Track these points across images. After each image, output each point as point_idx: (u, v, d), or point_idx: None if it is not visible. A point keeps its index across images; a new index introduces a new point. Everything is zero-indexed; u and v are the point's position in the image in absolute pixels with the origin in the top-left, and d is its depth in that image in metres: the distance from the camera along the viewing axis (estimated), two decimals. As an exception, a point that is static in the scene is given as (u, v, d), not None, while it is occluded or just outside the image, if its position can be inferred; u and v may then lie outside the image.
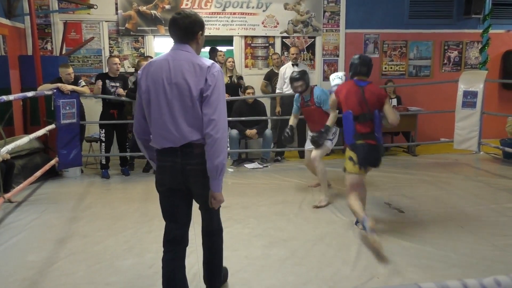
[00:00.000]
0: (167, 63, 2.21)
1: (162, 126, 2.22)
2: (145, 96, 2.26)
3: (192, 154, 2.24)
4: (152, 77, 2.23)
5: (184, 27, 2.24)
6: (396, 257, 3.26)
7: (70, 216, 4.29)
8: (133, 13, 7.08)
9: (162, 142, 2.25)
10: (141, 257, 3.31)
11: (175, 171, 2.27)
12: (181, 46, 2.27)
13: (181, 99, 2.18)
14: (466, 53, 8.17)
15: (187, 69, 2.18)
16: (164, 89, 2.19)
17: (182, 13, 2.26)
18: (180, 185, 2.32)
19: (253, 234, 3.75)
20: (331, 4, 7.70)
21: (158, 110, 2.22)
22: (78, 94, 5.60)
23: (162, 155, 2.30)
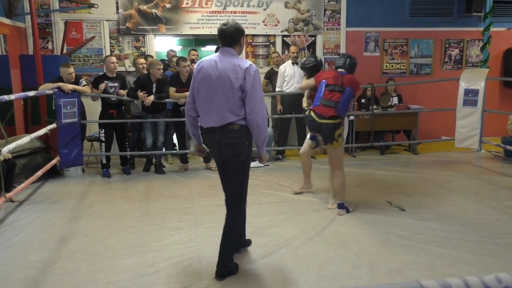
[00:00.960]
0: (215, 62, 2.86)
1: (208, 110, 2.89)
2: (196, 86, 2.93)
3: (228, 131, 2.86)
4: (203, 72, 2.89)
5: (229, 35, 2.89)
6: (398, 255, 3.26)
7: (71, 215, 4.29)
8: (134, 12, 7.08)
9: (207, 122, 2.91)
10: (142, 256, 3.32)
11: (215, 145, 2.94)
12: (226, 49, 2.92)
13: (223, 91, 2.82)
14: (467, 51, 8.16)
15: (231, 68, 2.82)
16: (211, 82, 2.84)
17: (228, 24, 2.91)
18: (219, 157, 3.01)
19: (254, 233, 3.74)
20: (331, 2, 7.69)
21: (206, 98, 2.88)
22: (79, 94, 5.60)
23: (206, 133, 2.97)
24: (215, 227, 3.87)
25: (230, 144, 2.88)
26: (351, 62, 4.33)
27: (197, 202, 4.65)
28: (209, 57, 2.95)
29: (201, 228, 3.88)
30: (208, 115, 2.90)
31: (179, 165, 6.34)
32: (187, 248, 3.46)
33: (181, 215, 4.25)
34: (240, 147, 2.89)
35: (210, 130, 2.92)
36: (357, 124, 6.88)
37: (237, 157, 2.92)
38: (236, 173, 2.98)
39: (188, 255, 3.33)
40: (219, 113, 2.85)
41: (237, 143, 2.88)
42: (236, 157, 2.92)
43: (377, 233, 3.70)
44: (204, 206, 4.50)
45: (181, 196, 4.90)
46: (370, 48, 7.91)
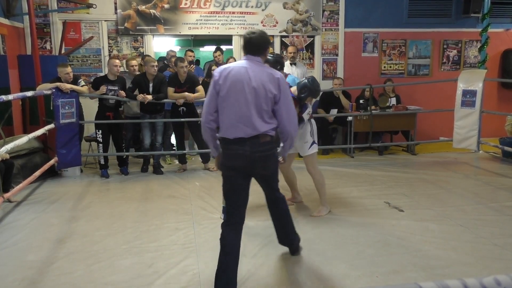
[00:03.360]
0: (246, 70, 2.75)
1: (238, 120, 2.71)
2: (224, 94, 2.74)
3: (258, 143, 2.73)
4: (232, 80, 2.73)
5: (257, 43, 2.84)
6: (396, 256, 3.26)
7: (70, 216, 4.29)
8: (132, 13, 7.07)
9: (235, 133, 2.72)
10: (140, 257, 3.31)
11: (244, 157, 2.73)
12: (253, 58, 2.84)
13: (257, 100, 2.71)
14: (465, 52, 8.18)
15: (264, 77, 2.74)
16: (244, 91, 2.71)
17: (256, 33, 2.88)
18: (247, 169, 2.79)
19: (251, 233, 3.74)
20: (330, 3, 7.69)
21: (237, 107, 2.72)
22: (77, 94, 5.59)
23: (233, 144, 2.74)
24: (213, 228, 3.88)
25: (263, 158, 2.77)
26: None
27: (196, 203, 4.65)
28: (236, 64, 2.83)
29: (199, 229, 3.88)
30: (237, 125, 2.71)
31: (178, 165, 6.34)
32: (185, 248, 3.46)
33: (179, 215, 4.25)
34: (271, 158, 2.85)
35: (238, 141, 2.73)
36: (355, 125, 6.88)
37: (269, 169, 2.90)
38: (269, 179, 3.00)
39: (186, 255, 3.33)
40: (251, 123, 2.71)
41: (269, 155, 2.81)
42: (269, 170, 2.90)
43: (375, 234, 3.70)
44: (202, 207, 4.50)
45: (179, 197, 4.90)
46: (369, 48, 7.92)
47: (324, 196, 4.27)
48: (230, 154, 2.79)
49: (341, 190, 5.03)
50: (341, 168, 6.10)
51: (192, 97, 5.86)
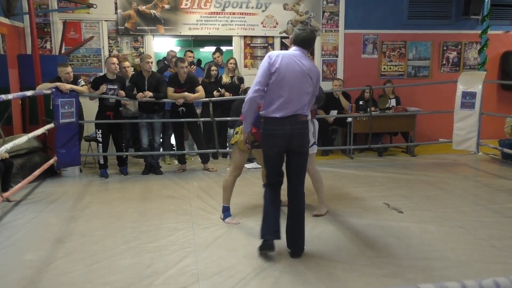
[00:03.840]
0: (297, 59, 3.18)
1: (287, 100, 3.13)
2: (278, 77, 3.13)
3: (297, 122, 3.17)
4: (287, 67, 3.13)
5: (307, 39, 3.26)
6: (395, 258, 3.26)
7: (69, 216, 4.28)
8: (133, 13, 7.07)
9: (283, 111, 3.13)
10: (139, 257, 3.31)
11: (284, 136, 3.15)
12: (303, 50, 3.25)
13: (304, 86, 3.19)
14: (465, 53, 8.19)
15: (311, 66, 3.24)
16: (296, 77, 3.15)
17: (307, 29, 3.29)
18: (285, 146, 3.19)
19: (251, 234, 3.74)
20: (330, 4, 7.70)
21: (289, 90, 3.14)
22: (77, 94, 5.59)
23: (275, 124, 3.15)
24: (212, 228, 3.88)
25: (300, 135, 3.20)
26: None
27: (195, 203, 4.64)
28: (288, 52, 3.24)
29: (198, 229, 3.88)
30: (285, 105, 3.13)
31: (177, 166, 6.33)
32: (184, 249, 3.45)
33: (178, 215, 4.25)
34: (307, 137, 3.28)
35: (280, 121, 3.14)
36: (355, 126, 6.88)
37: (305, 147, 3.27)
38: (304, 161, 3.29)
39: (185, 256, 3.32)
40: (296, 104, 3.15)
41: (306, 133, 3.24)
42: (305, 147, 3.27)
43: (375, 235, 3.70)
44: (201, 207, 4.50)
45: (178, 197, 4.90)
46: (368, 50, 7.92)
47: (322, 195, 4.28)
48: (270, 133, 3.20)
49: (341, 191, 5.03)
50: (341, 169, 6.10)
51: (192, 97, 5.85)
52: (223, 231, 3.83)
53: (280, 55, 3.17)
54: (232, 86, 6.69)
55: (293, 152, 3.23)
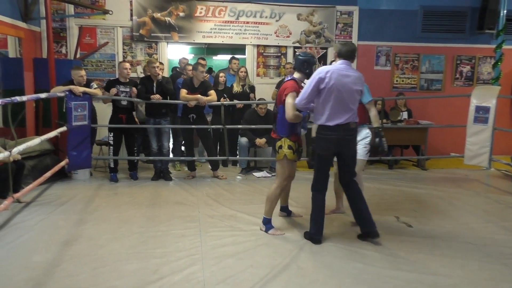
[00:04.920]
0: (346, 71, 3.58)
1: (339, 110, 3.55)
2: (331, 92, 3.52)
3: (349, 129, 3.61)
4: (339, 82, 3.52)
5: (351, 51, 3.64)
6: (402, 272, 3.22)
7: (77, 218, 4.31)
8: (148, 20, 7.15)
9: (336, 121, 3.55)
10: (145, 262, 3.31)
11: (338, 141, 3.60)
12: (349, 63, 3.65)
13: (354, 96, 3.60)
14: (479, 68, 8.12)
15: (358, 77, 3.62)
16: (347, 90, 3.54)
17: (348, 42, 3.87)
18: (337, 149, 3.66)
19: (258, 243, 3.73)
20: (344, 15, 7.72)
21: (340, 101, 3.54)
22: (90, 97, 5.65)
23: (331, 130, 3.58)
24: (220, 236, 3.87)
25: (352, 140, 3.68)
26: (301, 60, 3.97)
27: (203, 210, 4.64)
28: (336, 67, 3.59)
29: (205, 237, 3.87)
30: (337, 115, 3.54)
31: (186, 172, 6.35)
32: (191, 256, 3.45)
33: (186, 222, 4.25)
34: (355, 141, 3.81)
35: (336, 128, 3.56)
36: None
37: (354, 149, 3.79)
38: (353, 159, 3.78)
39: (191, 263, 3.32)
40: (348, 113, 3.56)
41: (355, 138, 3.77)
42: (354, 149, 3.78)
43: (383, 249, 3.66)
44: (209, 215, 4.49)
45: (187, 204, 4.90)
46: (381, 62, 7.90)
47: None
48: (327, 138, 3.61)
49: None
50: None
51: (205, 100, 5.86)
52: (231, 239, 3.82)
53: (330, 71, 3.53)
54: (243, 95, 6.72)
55: (344, 154, 3.69)
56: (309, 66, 3.97)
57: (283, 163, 3.95)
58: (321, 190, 3.75)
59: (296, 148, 3.95)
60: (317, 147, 3.72)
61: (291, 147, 3.90)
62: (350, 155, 3.73)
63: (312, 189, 3.79)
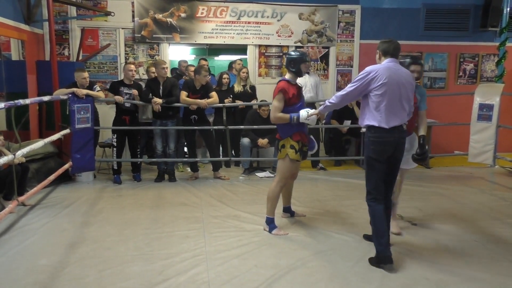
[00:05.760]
0: (395, 70, 3.29)
1: (395, 111, 3.27)
2: (383, 89, 3.23)
3: (403, 130, 3.36)
4: (389, 79, 3.24)
5: (396, 49, 3.37)
6: (409, 270, 3.21)
7: (82, 221, 4.31)
8: (149, 21, 7.16)
9: (393, 121, 3.27)
10: (151, 264, 3.31)
11: (394, 143, 3.30)
12: (395, 60, 3.36)
13: (407, 94, 3.33)
14: (482, 65, 8.09)
15: (409, 75, 3.40)
16: (399, 88, 3.27)
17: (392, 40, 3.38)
18: (391, 152, 3.32)
19: (262, 243, 3.73)
20: (346, 14, 7.70)
21: (394, 101, 3.27)
22: (93, 99, 5.66)
23: (387, 132, 3.27)
24: (224, 237, 3.87)
25: (403, 143, 3.42)
26: (288, 59, 3.97)
27: (207, 211, 4.64)
28: (386, 65, 3.30)
29: (210, 238, 3.87)
30: (394, 115, 3.27)
31: (189, 173, 6.35)
32: (196, 256, 3.45)
33: (190, 223, 4.25)
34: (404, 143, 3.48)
35: (391, 130, 3.27)
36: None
37: (403, 153, 3.46)
38: (397, 168, 3.47)
39: (196, 264, 3.32)
40: (401, 114, 3.31)
41: (405, 141, 3.47)
42: (403, 153, 3.46)
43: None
44: (213, 215, 4.49)
45: (191, 205, 4.90)
46: (384, 60, 7.87)
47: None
48: (383, 141, 3.29)
49: (353, 202, 4.97)
50: (354, 179, 6.05)
51: (205, 103, 5.87)
52: (235, 239, 3.82)
53: (380, 69, 3.26)
54: (244, 95, 6.73)
55: (393, 160, 3.36)
56: (296, 65, 3.91)
57: (285, 162, 3.93)
58: (378, 199, 3.34)
59: (300, 148, 3.92)
60: (370, 151, 3.34)
61: (294, 147, 3.88)
62: (398, 160, 3.41)
63: (367, 199, 3.40)
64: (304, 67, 4.02)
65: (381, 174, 3.34)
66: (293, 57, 3.94)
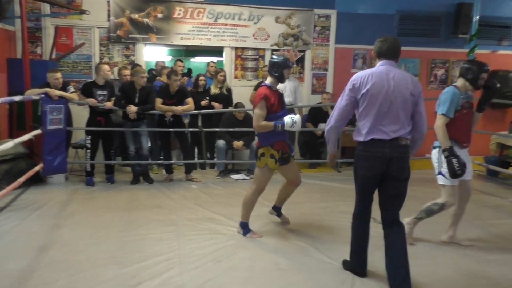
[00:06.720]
0: (387, 75, 2.89)
1: (382, 122, 2.87)
2: (366, 99, 2.88)
3: (398, 146, 2.89)
4: (376, 87, 2.86)
5: (393, 48, 3.00)
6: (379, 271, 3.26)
7: (53, 224, 4.23)
8: (125, 21, 7.07)
9: (378, 134, 2.88)
10: (124, 267, 3.27)
11: (383, 159, 2.88)
12: (392, 62, 2.97)
13: (399, 104, 2.87)
14: (453, 71, 8.32)
15: (406, 80, 2.91)
16: (388, 95, 2.86)
17: (391, 38, 3.04)
18: (383, 171, 2.92)
19: (237, 246, 3.73)
20: (322, 19, 7.79)
21: (381, 110, 2.87)
22: (66, 100, 5.55)
23: (373, 146, 2.90)
24: (198, 239, 3.86)
25: (401, 159, 2.91)
26: (270, 63, 3.86)
27: (181, 214, 4.62)
28: (375, 70, 2.95)
29: (184, 240, 3.86)
30: (380, 129, 2.89)
31: (164, 175, 6.30)
32: (169, 260, 3.43)
33: (164, 226, 4.22)
34: (408, 162, 2.98)
35: (379, 143, 2.89)
36: (343, 140, 6.92)
37: (405, 173, 2.97)
38: (402, 189, 3.01)
39: (170, 267, 3.30)
40: (392, 127, 2.88)
41: (406, 158, 2.95)
42: (405, 173, 2.96)
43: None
44: (188, 218, 4.47)
45: (165, 207, 4.87)
46: (358, 65, 8.01)
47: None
48: (370, 156, 2.93)
49: (328, 205, 5.04)
50: (328, 182, 6.13)
51: (181, 111, 5.85)
52: (209, 242, 3.82)
53: (365, 76, 2.90)
54: (221, 97, 6.73)
55: (389, 178, 2.95)
56: (279, 69, 3.79)
57: (264, 171, 3.85)
58: (362, 219, 3.14)
59: (280, 156, 3.85)
60: (356, 166, 3.06)
61: (274, 156, 3.79)
62: (397, 179, 2.95)
63: (353, 217, 3.19)
64: (287, 72, 3.87)
65: (366, 193, 3.07)
66: (276, 61, 3.82)
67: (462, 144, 3.77)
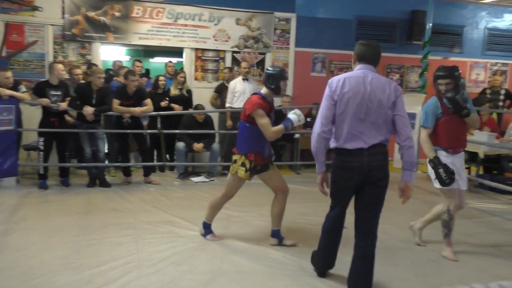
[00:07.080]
0: (364, 79, 2.81)
1: (358, 130, 2.78)
2: (343, 105, 2.78)
3: (376, 153, 2.81)
4: (352, 91, 2.77)
5: (376, 53, 2.96)
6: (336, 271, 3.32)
7: (3, 229, 4.04)
8: (81, 18, 6.87)
9: (355, 143, 2.79)
10: (79, 273, 3.17)
11: (361, 168, 2.80)
12: (370, 67, 2.90)
13: (376, 110, 2.77)
14: (407, 76, 8.62)
15: (383, 85, 2.81)
16: (363, 100, 2.76)
17: (373, 43, 3.01)
18: (361, 180, 2.84)
19: (196, 249, 3.71)
20: (282, 22, 7.87)
21: (357, 117, 2.77)
22: (17, 100, 5.33)
23: (351, 155, 2.81)
24: (157, 243, 3.80)
25: (380, 167, 2.84)
26: (266, 74, 3.74)
27: (139, 217, 4.53)
28: (353, 74, 2.87)
29: (142, 244, 3.78)
30: (357, 135, 2.79)
31: (122, 178, 6.15)
32: (127, 264, 3.35)
33: (122, 229, 4.12)
34: (387, 169, 2.91)
35: (356, 152, 2.80)
36: (302, 142, 7.02)
37: (384, 180, 2.90)
38: (381, 197, 2.94)
39: (127, 271, 3.23)
40: (370, 133, 2.80)
41: (385, 165, 2.88)
42: (384, 180, 2.90)
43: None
44: (146, 221, 4.39)
45: (123, 210, 4.76)
46: (317, 68, 8.15)
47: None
48: (348, 166, 2.85)
49: (288, 206, 5.05)
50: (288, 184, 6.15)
51: (139, 112, 5.75)
52: (168, 245, 3.76)
53: (341, 80, 2.82)
54: (181, 98, 6.68)
55: (368, 184, 2.88)
56: (275, 81, 3.64)
57: (234, 178, 3.78)
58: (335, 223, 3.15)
59: (251, 167, 3.68)
60: (335, 176, 2.96)
61: (245, 165, 3.67)
62: (375, 186, 2.89)
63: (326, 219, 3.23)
64: (283, 84, 3.72)
65: (345, 200, 3.04)
66: (272, 72, 3.68)
67: (450, 150, 3.73)
